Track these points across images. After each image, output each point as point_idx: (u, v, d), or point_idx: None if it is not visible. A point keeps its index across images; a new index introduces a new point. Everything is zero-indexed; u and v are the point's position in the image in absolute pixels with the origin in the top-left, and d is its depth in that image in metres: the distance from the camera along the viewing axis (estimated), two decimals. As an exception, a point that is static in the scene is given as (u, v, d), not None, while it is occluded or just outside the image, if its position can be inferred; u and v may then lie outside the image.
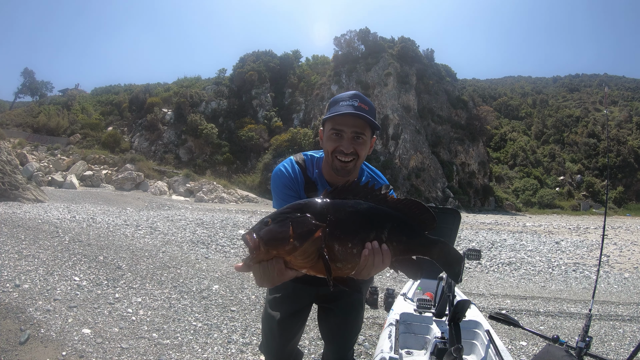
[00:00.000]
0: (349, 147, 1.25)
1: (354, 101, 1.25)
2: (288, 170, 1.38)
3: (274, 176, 1.41)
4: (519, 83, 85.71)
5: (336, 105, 1.27)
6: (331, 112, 1.26)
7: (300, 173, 1.39)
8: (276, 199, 1.40)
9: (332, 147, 1.26)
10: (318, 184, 1.40)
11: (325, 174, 1.40)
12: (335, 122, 1.25)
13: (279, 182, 1.38)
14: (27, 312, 3.10)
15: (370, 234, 0.88)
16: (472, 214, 25.20)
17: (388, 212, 0.91)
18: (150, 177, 23.78)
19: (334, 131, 1.25)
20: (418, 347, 1.96)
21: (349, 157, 1.26)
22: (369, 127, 1.28)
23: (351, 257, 0.87)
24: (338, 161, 1.27)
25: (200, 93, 33.82)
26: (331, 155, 1.28)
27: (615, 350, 3.49)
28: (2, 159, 11.45)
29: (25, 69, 46.80)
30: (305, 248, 0.82)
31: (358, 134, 1.26)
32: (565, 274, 6.80)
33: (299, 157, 1.45)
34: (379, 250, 0.87)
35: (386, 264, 0.89)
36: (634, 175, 38.76)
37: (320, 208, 0.87)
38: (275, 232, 0.82)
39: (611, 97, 60.65)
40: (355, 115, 1.22)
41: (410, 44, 35.90)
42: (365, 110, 1.24)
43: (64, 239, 6.16)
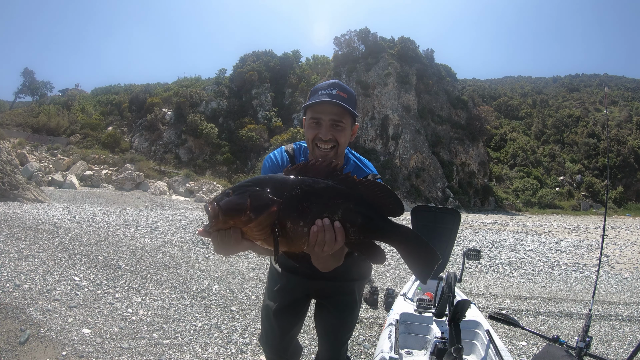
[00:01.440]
0: (327, 134, 1.26)
1: (332, 89, 1.27)
2: (276, 158, 1.43)
3: (263, 164, 1.46)
4: (519, 83, 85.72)
5: (315, 95, 1.29)
6: (310, 100, 1.28)
7: (287, 161, 1.42)
8: None
9: (312, 134, 1.29)
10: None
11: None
12: (314, 110, 1.28)
13: (266, 169, 1.43)
14: (27, 312, 3.10)
15: (322, 213, 0.88)
16: (472, 214, 25.20)
17: (345, 192, 0.90)
18: (150, 177, 23.78)
19: (313, 120, 1.28)
20: (418, 347, 1.96)
21: (328, 144, 1.28)
22: (348, 114, 1.29)
23: (302, 234, 0.88)
24: (318, 149, 1.29)
25: (200, 93, 33.82)
26: (312, 143, 1.30)
27: (615, 350, 3.49)
28: (2, 159, 11.45)
29: (25, 69, 46.84)
30: (260, 221, 0.85)
31: (336, 122, 1.27)
32: (565, 274, 6.80)
33: (289, 146, 1.49)
34: (329, 227, 0.86)
35: (339, 243, 0.87)
36: (634, 175, 38.77)
37: (279, 184, 0.89)
38: (234, 203, 0.85)
39: (611, 97, 60.65)
40: (332, 103, 1.24)
41: (410, 44, 35.90)
42: (343, 98, 1.26)
43: (64, 239, 6.16)
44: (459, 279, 2.11)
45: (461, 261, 2.58)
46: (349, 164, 1.47)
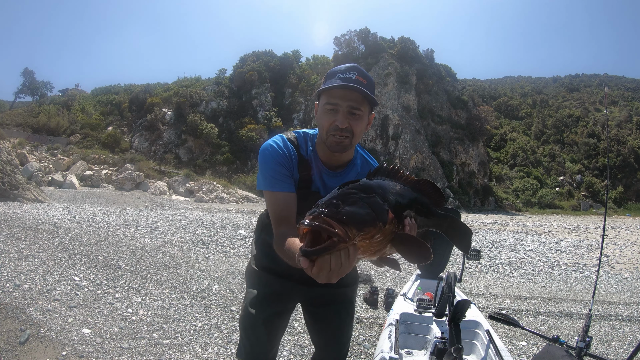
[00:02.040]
0: (344, 121, 1.16)
1: (351, 73, 1.16)
2: (281, 147, 1.26)
3: (263, 152, 1.27)
4: (519, 83, 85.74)
5: (333, 78, 1.18)
6: (327, 84, 1.18)
7: (293, 150, 1.28)
8: (266, 177, 1.24)
9: (327, 122, 1.18)
10: (312, 163, 1.31)
11: (319, 152, 1.31)
12: (331, 95, 1.17)
13: (270, 158, 1.24)
14: (27, 312, 3.10)
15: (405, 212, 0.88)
16: (472, 214, 25.21)
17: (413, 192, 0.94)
18: (150, 177, 23.78)
19: (329, 105, 1.17)
20: (418, 347, 1.96)
21: (344, 134, 1.18)
22: (367, 102, 1.19)
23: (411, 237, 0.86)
24: (332, 137, 1.19)
25: (200, 93, 33.81)
26: (326, 132, 1.20)
27: (615, 350, 3.49)
28: (2, 159, 11.45)
29: (25, 69, 46.84)
30: (387, 230, 0.76)
31: (354, 109, 1.17)
32: (565, 274, 6.80)
33: (290, 134, 1.33)
34: (414, 225, 0.87)
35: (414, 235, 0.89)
36: (634, 175, 38.77)
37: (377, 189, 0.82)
38: (362, 213, 0.72)
39: (611, 97, 60.66)
40: (351, 89, 1.14)
41: (410, 44, 35.90)
42: (363, 84, 1.15)
43: (64, 239, 6.16)
44: (459, 279, 2.11)
45: (461, 261, 2.58)
46: (359, 157, 1.38)
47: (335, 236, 0.67)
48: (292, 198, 1.23)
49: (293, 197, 1.23)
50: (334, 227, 0.67)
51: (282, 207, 1.21)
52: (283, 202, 1.21)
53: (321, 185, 1.31)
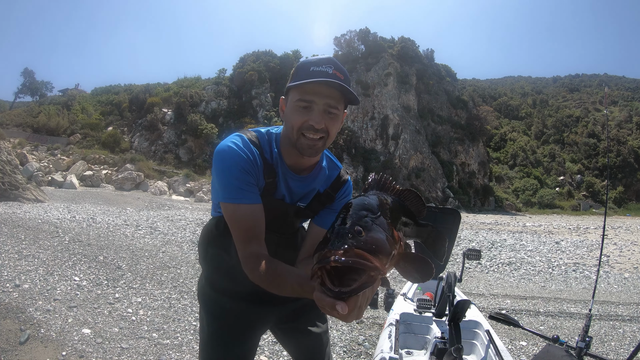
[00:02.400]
0: (320, 121, 1.01)
1: (327, 67, 1.01)
2: (243, 150, 1.06)
3: (222, 156, 1.05)
4: (519, 83, 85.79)
5: (305, 71, 1.02)
6: (299, 79, 1.02)
7: (257, 154, 1.09)
8: (229, 187, 1.03)
9: (300, 121, 1.02)
10: (278, 168, 1.13)
11: (284, 154, 1.13)
12: (304, 91, 1.01)
13: (232, 164, 1.04)
14: (27, 312, 3.10)
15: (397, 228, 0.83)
16: (472, 214, 25.21)
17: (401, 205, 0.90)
18: (150, 177, 23.78)
19: (303, 102, 1.01)
20: (418, 347, 1.96)
21: (318, 134, 1.03)
22: (343, 100, 1.06)
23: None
24: (305, 138, 1.03)
25: (200, 93, 33.82)
26: (296, 132, 1.03)
27: (615, 350, 3.49)
28: (2, 159, 11.45)
29: (25, 69, 46.87)
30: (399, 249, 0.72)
31: (331, 108, 1.02)
32: (565, 274, 6.80)
33: (250, 133, 1.13)
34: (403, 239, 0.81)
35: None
36: (634, 175, 38.78)
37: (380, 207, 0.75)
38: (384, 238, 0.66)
39: (611, 97, 60.68)
40: (329, 85, 0.99)
41: (410, 44, 35.92)
42: (340, 80, 1.01)
43: (64, 239, 6.16)
44: (459, 279, 2.11)
45: (461, 261, 2.58)
46: (324, 159, 1.23)
47: (374, 270, 0.60)
48: (260, 210, 1.06)
49: (261, 210, 1.06)
50: (370, 260, 0.60)
51: (251, 223, 1.03)
52: (252, 217, 1.03)
53: (286, 192, 1.16)
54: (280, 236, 1.25)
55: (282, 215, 1.20)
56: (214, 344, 1.22)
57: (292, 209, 1.19)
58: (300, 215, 1.23)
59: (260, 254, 0.99)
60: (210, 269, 1.26)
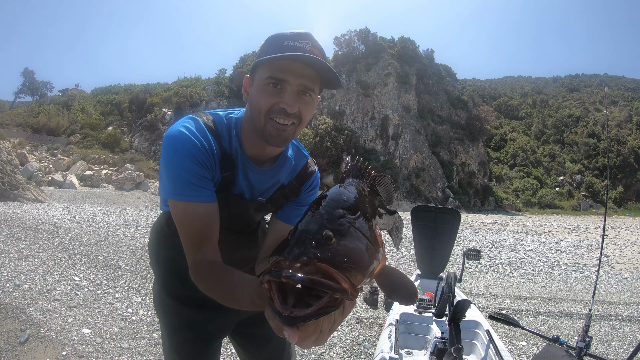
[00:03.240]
0: (294, 104, 0.86)
1: (304, 43, 0.85)
2: (198, 137, 0.88)
3: (172, 143, 0.86)
4: (519, 83, 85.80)
5: (278, 46, 0.84)
6: (270, 53, 0.84)
7: (214, 142, 0.91)
8: (178, 180, 0.86)
9: (269, 102, 0.85)
10: (237, 158, 0.96)
11: (245, 142, 0.96)
12: (276, 67, 0.84)
13: (184, 153, 0.85)
14: (27, 312, 3.10)
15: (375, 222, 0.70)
16: (472, 214, 25.21)
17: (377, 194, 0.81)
18: (150, 177, 23.78)
19: (272, 80, 0.84)
20: (418, 347, 1.96)
21: (290, 119, 0.87)
22: (319, 82, 0.90)
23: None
24: (274, 123, 0.87)
25: (200, 93, 33.85)
26: (264, 116, 0.87)
27: (615, 350, 3.49)
28: (2, 159, 11.45)
29: (25, 69, 46.88)
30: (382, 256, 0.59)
31: (306, 90, 0.87)
32: (565, 274, 6.80)
33: (206, 117, 0.94)
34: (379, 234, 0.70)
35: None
36: (634, 175, 38.77)
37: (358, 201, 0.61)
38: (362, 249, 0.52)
39: (611, 97, 60.69)
40: (308, 61, 0.83)
41: (410, 44, 35.92)
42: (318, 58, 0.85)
43: (64, 239, 6.16)
44: (459, 279, 2.11)
45: (461, 261, 2.58)
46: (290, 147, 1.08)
47: (340, 292, 0.45)
48: (215, 210, 0.90)
49: (216, 209, 0.90)
50: (337, 279, 0.45)
51: (202, 224, 0.86)
52: (204, 217, 0.87)
53: (246, 187, 1.01)
54: (238, 236, 1.11)
55: (240, 213, 1.06)
56: (172, 353, 1.11)
57: (251, 206, 1.05)
58: (261, 209, 1.09)
59: (212, 262, 0.83)
60: (163, 273, 1.11)
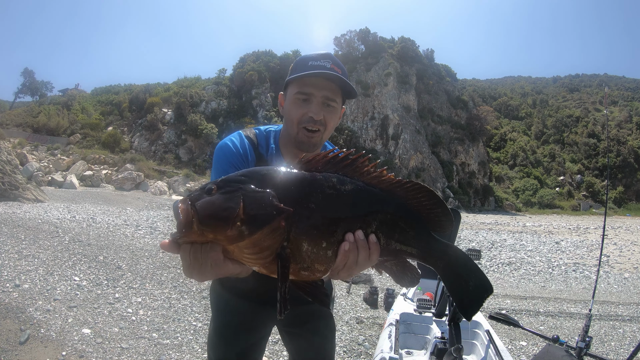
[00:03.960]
0: (319, 112, 1.03)
1: (325, 62, 1.04)
2: (236, 146, 1.10)
3: (217, 151, 1.11)
4: (519, 83, 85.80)
5: (304, 66, 1.05)
6: (298, 72, 1.05)
7: (250, 149, 1.11)
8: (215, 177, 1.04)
9: (299, 113, 1.04)
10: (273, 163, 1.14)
11: (283, 150, 1.14)
12: (303, 83, 1.04)
13: (223, 157, 1.08)
14: (27, 312, 3.10)
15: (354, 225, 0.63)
16: (472, 214, 25.20)
17: (382, 196, 0.66)
18: (150, 177, 23.78)
19: (301, 95, 1.04)
20: (418, 347, 1.96)
21: (317, 126, 1.04)
22: (340, 94, 1.08)
23: (324, 258, 0.62)
24: (304, 131, 1.04)
25: (200, 93, 33.83)
26: (297, 125, 1.05)
27: (615, 350, 3.49)
28: (2, 159, 11.45)
29: (25, 69, 46.86)
30: (258, 239, 0.57)
31: (329, 100, 1.05)
32: (565, 274, 6.79)
33: (249, 131, 1.18)
34: (364, 245, 0.63)
35: (372, 262, 0.66)
36: (634, 175, 38.77)
37: (290, 183, 0.61)
38: (218, 207, 0.57)
39: (611, 97, 60.67)
40: (327, 77, 1.02)
41: (410, 44, 35.91)
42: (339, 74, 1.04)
43: (64, 239, 6.16)
44: (459, 279, 2.11)
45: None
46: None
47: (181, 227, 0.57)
48: None
49: None
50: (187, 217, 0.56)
51: None
52: None
53: None
54: None
55: None
56: (217, 338, 1.25)
57: None
58: None
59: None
60: None
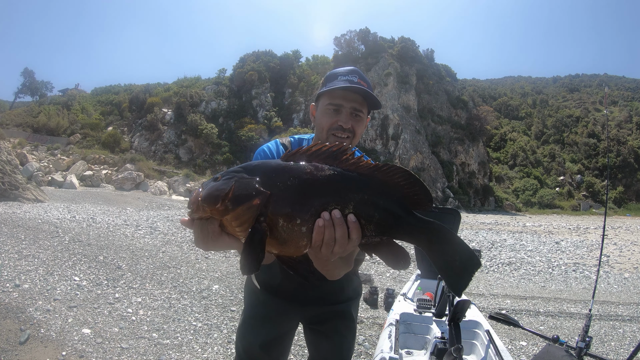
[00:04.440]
0: (348, 121, 1.18)
1: (353, 76, 1.19)
2: (272, 151, 1.25)
3: (256, 155, 1.26)
4: (519, 83, 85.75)
5: (334, 80, 1.20)
6: (328, 86, 1.20)
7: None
8: None
9: (330, 121, 1.18)
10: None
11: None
12: (334, 96, 1.19)
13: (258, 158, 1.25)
14: (27, 312, 3.10)
15: (329, 204, 0.71)
16: (472, 214, 25.20)
17: (358, 179, 0.73)
18: (150, 177, 23.78)
19: (332, 106, 1.19)
20: (418, 347, 1.96)
21: (346, 133, 1.18)
22: (366, 105, 1.23)
23: (299, 234, 0.71)
24: (334, 137, 1.18)
25: (200, 93, 33.83)
26: (327, 132, 1.19)
27: (615, 350, 3.49)
28: (2, 159, 11.45)
29: (25, 69, 46.78)
30: (239, 213, 0.71)
31: (357, 111, 1.20)
32: (565, 274, 6.79)
33: (285, 139, 1.33)
34: (340, 222, 0.70)
35: (354, 242, 0.72)
36: (634, 175, 38.77)
37: (273, 171, 0.74)
38: (214, 189, 0.73)
39: (611, 97, 60.66)
40: (355, 90, 1.17)
41: (410, 44, 35.91)
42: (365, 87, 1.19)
43: (64, 239, 6.16)
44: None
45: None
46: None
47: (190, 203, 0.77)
48: None
49: None
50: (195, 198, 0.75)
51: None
52: None
53: None
54: None
55: None
56: (245, 328, 1.36)
57: None
58: None
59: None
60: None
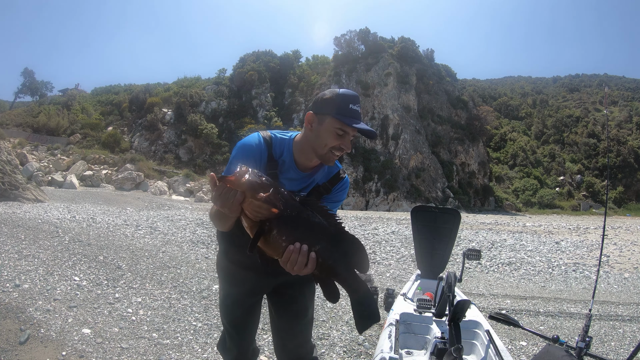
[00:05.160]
0: (350, 146, 1.35)
1: (357, 106, 1.33)
2: (256, 144, 1.38)
3: (239, 147, 1.38)
4: (519, 83, 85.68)
5: (345, 108, 1.30)
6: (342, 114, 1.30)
7: (265, 148, 1.39)
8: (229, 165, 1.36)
9: (334, 143, 1.32)
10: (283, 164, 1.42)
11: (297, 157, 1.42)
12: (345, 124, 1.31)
13: (241, 152, 1.36)
14: (27, 312, 3.10)
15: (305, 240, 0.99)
16: (472, 214, 25.20)
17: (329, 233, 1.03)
18: (150, 177, 23.79)
19: (340, 131, 1.31)
20: (418, 347, 1.96)
21: (341, 153, 1.36)
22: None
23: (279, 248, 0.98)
24: (332, 154, 1.34)
25: (200, 93, 33.84)
26: (329, 149, 1.34)
27: (615, 350, 3.49)
28: (2, 159, 11.45)
29: (25, 69, 46.77)
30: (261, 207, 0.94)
31: (355, 137, 1.40)
32: (565, 274, 6.79)
33: (265, 133, 1.44)
34: (304, 254, 0.96)
35: (308, 270, 0.99)
36: (634, 175, 38.76)
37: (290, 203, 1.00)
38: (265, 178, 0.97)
39: (611, 97, 60.64)
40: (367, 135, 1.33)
41: (410, 44, 35.93)
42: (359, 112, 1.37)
43: (64, 239, 6.16)
44: (459, 279, 2.11)
45: (461, 261, 2.58)
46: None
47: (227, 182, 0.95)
48: None
49: None
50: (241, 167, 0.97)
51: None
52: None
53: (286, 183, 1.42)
54: None
55: None
56: (227, 301, 1.59)
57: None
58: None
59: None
60: (226, 244, 1.56)
